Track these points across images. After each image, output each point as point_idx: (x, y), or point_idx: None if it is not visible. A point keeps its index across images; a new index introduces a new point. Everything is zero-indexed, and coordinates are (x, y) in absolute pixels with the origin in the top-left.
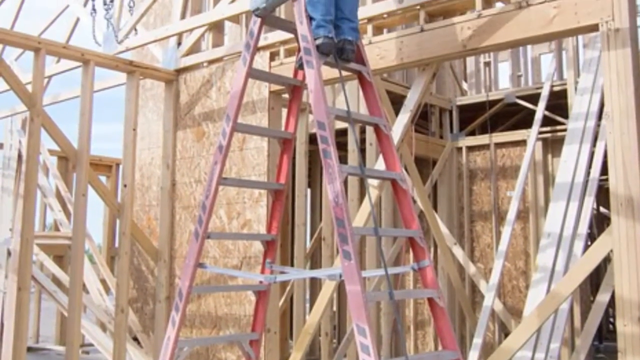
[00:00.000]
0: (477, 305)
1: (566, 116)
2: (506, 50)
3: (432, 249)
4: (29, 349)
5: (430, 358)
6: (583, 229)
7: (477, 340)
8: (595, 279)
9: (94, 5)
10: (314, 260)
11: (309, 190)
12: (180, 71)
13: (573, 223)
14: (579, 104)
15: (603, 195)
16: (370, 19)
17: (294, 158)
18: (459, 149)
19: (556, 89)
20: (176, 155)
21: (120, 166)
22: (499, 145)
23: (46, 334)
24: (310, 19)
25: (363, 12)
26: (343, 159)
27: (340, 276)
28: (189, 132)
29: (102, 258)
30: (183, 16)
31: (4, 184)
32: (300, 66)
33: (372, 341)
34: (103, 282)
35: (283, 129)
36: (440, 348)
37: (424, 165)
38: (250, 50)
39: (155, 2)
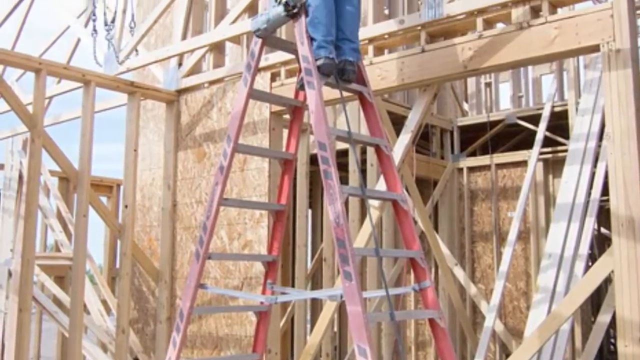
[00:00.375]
0: (478, 326)
1: (567, 137)
2: (507, 71)
3: (433, 270)
4: None
5: None
6: (584, 249)
7: None
8: (596, 300)
9: (94, 26)
10: (315, 280)
11: (310, 211)
12: (181, 92)
13: (574, 244)
14: (580, 125)
15: (604, 216)
16: (371, 40)
17: (295, 179)
18: (460, 170)
19: (557, 109)
20: (177, 176)
21: (121, 187)
22: (500, 166)
23: (47, 355)
24: (311, 39)
25: (364, 33)
26: (344, 180)
27: (341, 297)
28: (190, 152)
29: (103, 279)
30: (184, 37)
31: (5, 205)
32: (301, 87)
33: None
34: (104, 302)
35: (284, 149)
36: None
37: (425, 185)
38: (251, 71)
39: (156, 23)
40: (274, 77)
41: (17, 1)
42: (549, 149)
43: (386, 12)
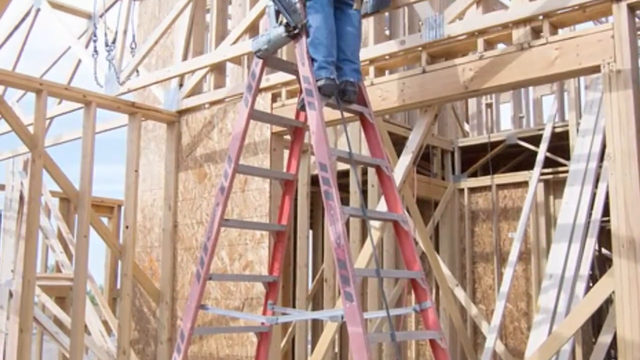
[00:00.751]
0: (479, 347)
1: (568, 158)
2: (508, 92)
3: (433, 291)
4: None
5: None
6: (585, 270)
7: None
8: (597, 320)
9: (95, 47)
10: (316, 301)
11: (310, 232)
12: (182, 112)
13: (575, 264)
14: (581, 146)
15: (605, 236)
16: (372, 61)
17: (295, 199)
18: (461, 191)
19: (558, 130)
20: (178, 196)
21: (122, 207)
22: (501, 186)
23: None
24: (312, 60)
25: (365, 54)
26: (345, 201)
27: (342, 317)
28: (191, 173)
29: (104, 299)
30: (185, 58)
31: (6, 226)
32: (302, 107)
33: None
34: (105, 323)
35: (285, 170)
36: None
37: (425, 206)
38: (252, 92)
39: (156, 43)
40: (274, 97)
41: (18, 22)
42: (550, 170)
43: (387, 32)
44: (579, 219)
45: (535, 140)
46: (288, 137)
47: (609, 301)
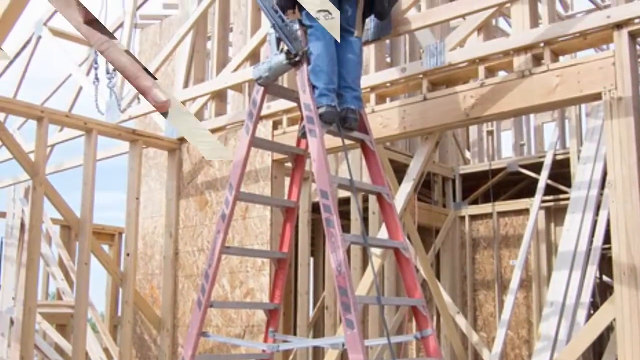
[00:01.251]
0: None
1: (569, 185)
2: (509, 119)
3: (435, 318)
4: None
5: None
6: (586, 298)
7: None
8: (599, 348)
9: (97, 75)
10: (317, 329)
11: (312, 259)
12: (183, 140)
13: (576, 292)
14: (582, 173)
15: (606, 264)
16: (373, 88)
17: (297, 227)
18: (462, 218)
19: (559, 158)
20: (179, 224)
21: (123, 235)
22: (502, 214)
23: None
24: (314, 87)
25: (366, 81)
26: (346, 228)
27: (344, 345)
28: (192, 201)
29: (105, 327)
30: (186, 85)
31: (7, 253)
32: (303, 135)
33: None
34: (106, 351)
35: (286, 197)
36: None
37: (427, 234)
38: (253, 119)
39: (158, 71)
40: (276, 125)
41: (19, 50)
42: (551, 198)
43: (388, 60)
44: (580, 246)
45: (537, 167)
46: (289, 164)
47: (610, 329)
